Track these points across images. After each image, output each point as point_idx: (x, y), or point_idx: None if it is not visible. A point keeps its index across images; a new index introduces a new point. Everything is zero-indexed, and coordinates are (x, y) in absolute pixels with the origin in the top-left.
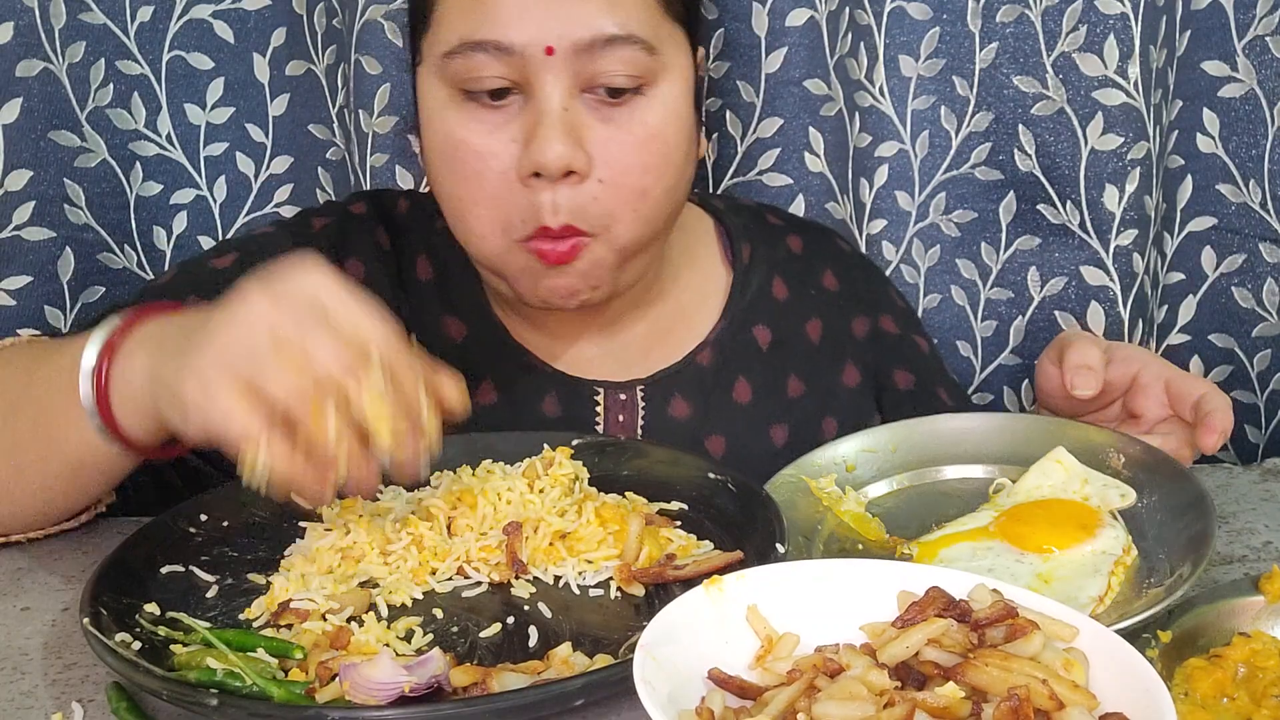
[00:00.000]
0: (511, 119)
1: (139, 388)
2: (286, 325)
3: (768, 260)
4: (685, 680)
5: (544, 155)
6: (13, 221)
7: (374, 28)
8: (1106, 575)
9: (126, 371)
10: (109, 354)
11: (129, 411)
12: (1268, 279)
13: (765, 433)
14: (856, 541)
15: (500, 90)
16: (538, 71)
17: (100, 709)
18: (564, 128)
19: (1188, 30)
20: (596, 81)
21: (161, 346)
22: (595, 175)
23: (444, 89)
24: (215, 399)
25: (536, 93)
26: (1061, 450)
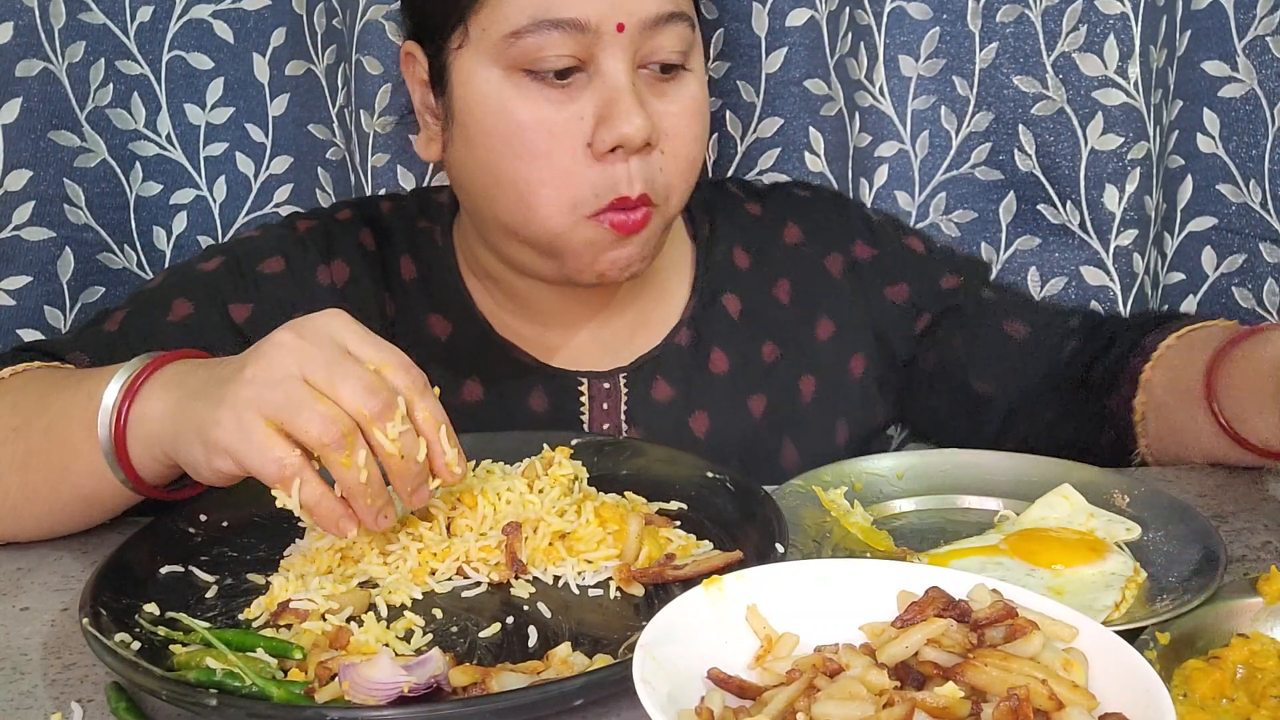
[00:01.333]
0: (576, 96)
1: (158, 428)
2: (316, 368)
3: (728, 230)
4: (685, 680)
5: (628, 127)
6: (12, 221)
7: (375, 28)
8: (1119, 589)
9: (147, 411)
10: (131, 394)
11: (143, 450)
12: (1268, 279)
13: (744, 404)
14: (864, 551)
15: (566, 70)
16: (606, 47)
17: (100, 709)
18: (638, 100)
19: (1188, 30)
20: (653, 58)
21: (184, 388)
22: (660, 147)
23: (498, 69)
24: (251, 437)
25: (603, 68)
26: (1067, 486)
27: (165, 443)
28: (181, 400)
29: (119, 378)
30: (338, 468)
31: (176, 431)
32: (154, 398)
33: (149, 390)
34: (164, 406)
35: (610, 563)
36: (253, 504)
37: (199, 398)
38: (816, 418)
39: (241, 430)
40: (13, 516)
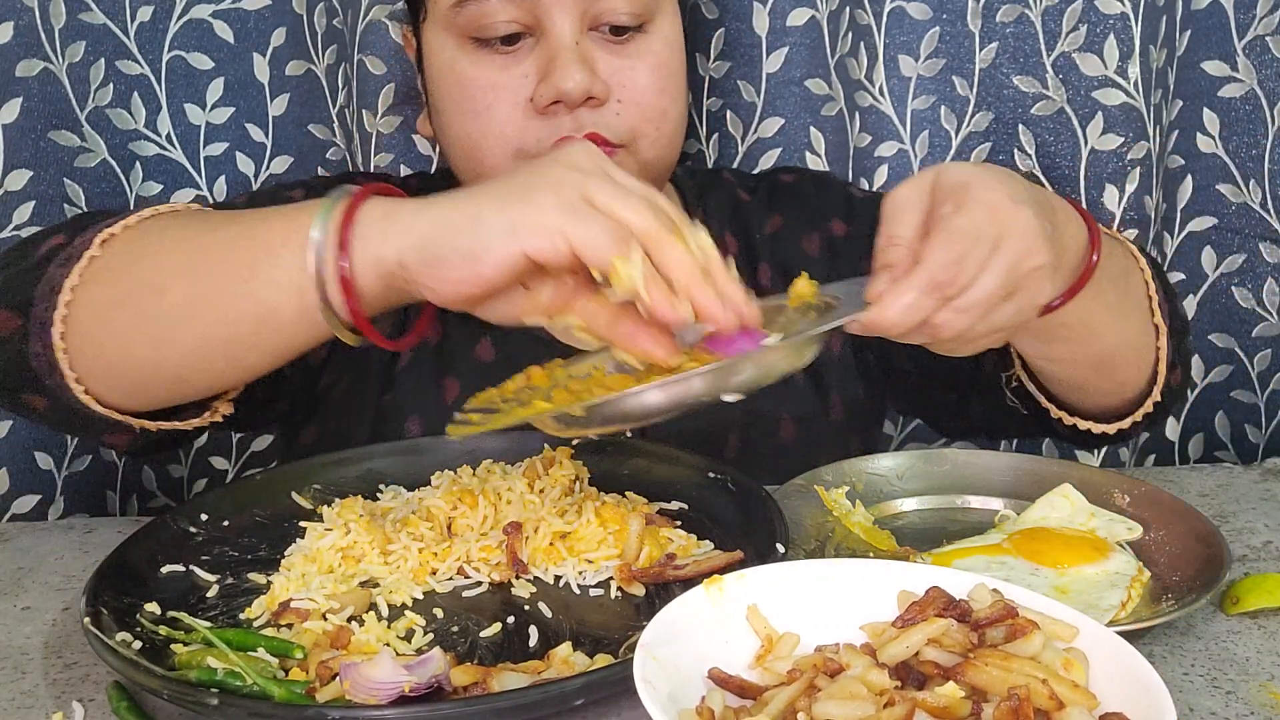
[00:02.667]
0: (523, 59)
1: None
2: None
3: (719, 214)
4: (685, 680)
5: (564, 82)
6: (13, 221)
7: (377, 27)
8: (1124, 589)
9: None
10: (355, 203)
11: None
12: (1268, 279)
13: None
14: (867, 550)
15: (511, 35)
16: (548, 10)
17: (101, 708)
18: (580, 57)
19: (1188, 30)
20: (602, 19)
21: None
22: (614, 98)
23: (452, 39)
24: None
25: (548, 30)
26: (1068, 486)
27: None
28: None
29: (333, 194)
30: (672, 249)
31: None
32: (382, 204)
33: (377, 203)
34: (412, 211)
35: (611, 563)
36: (254, 504)
37: (486, 197)
38: (810, 395)
39: (572, 210)
40: (166, 333)
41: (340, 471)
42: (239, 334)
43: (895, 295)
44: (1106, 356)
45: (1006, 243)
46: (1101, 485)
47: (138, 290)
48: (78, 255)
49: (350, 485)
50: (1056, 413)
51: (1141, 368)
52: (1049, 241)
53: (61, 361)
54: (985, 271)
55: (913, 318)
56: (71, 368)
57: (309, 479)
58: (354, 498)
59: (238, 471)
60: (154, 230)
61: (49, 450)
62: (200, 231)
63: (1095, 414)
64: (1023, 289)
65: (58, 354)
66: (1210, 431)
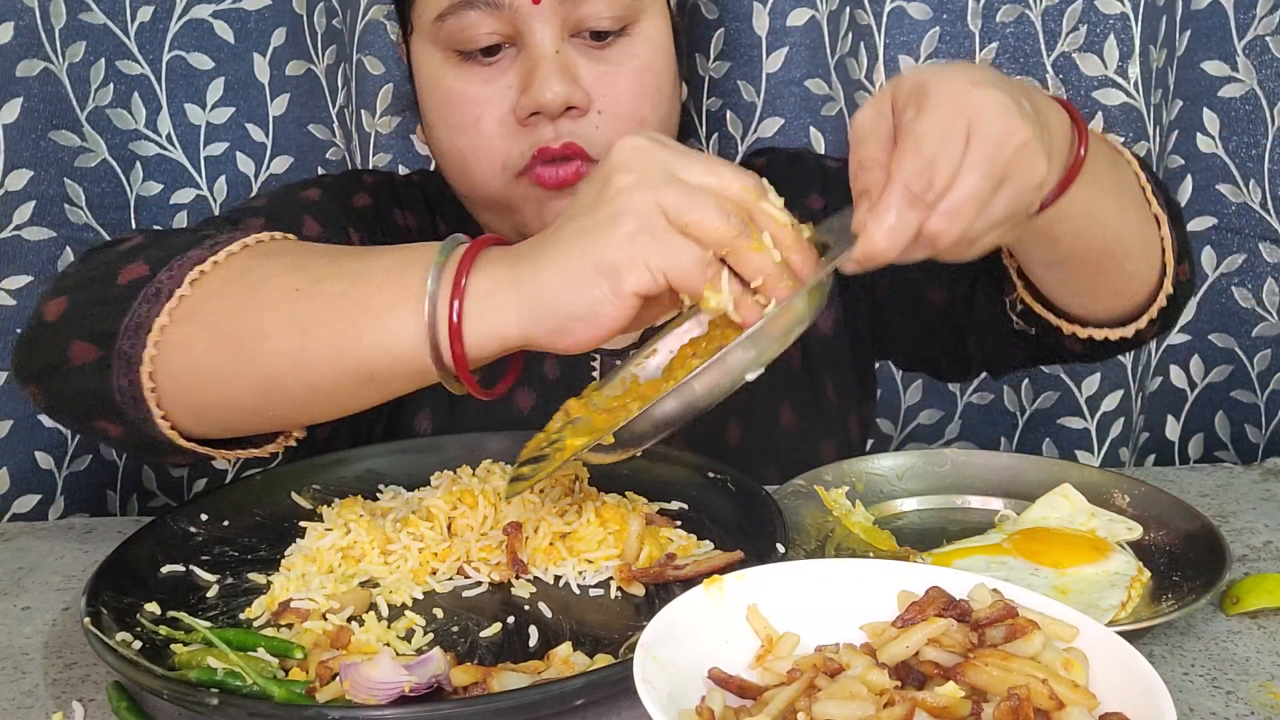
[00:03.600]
0: (505, 70)
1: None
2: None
3: None
4: (685, 680)
5: (543, 94)
6: (13, 221)
7: (376, 28)
8: (1124, 589)
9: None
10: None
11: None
12: (1268, 279)
13: None
14: (867, 550)
15: (493, 47)
16: (527, 21)
17: (101, 708)
18: (559, 68)
19: (1188, 30)
20: (583, 26)
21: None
22: (595, 108)
23: (438, 52)
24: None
25: (528, 41)
26: (1068, 486)
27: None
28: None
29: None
30: (750, 256)
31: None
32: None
33: (486, 264)
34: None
35: (611, 563)
36: (254, 504)
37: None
38: (804, 380)
39: (659, 238)
40: (273, 386)
41: (340, 471)
42: (346, 388)
43: (876, 221)
44: (1113, 248)
45: (979, 131)
46: (1101, 485)
47: (238, 340)
48: (167, 293)
49: (350, 485)
50: (1069, 328)
51: (1149, 258)
52: (1027, 118)
53: (150, 398)
54: (965, 167)
55: (901, 238)
56: (159, 405)
57: (309, 479)
58: (354, 498)
59: (238, 471)
60: (252, 275)
61: (49, 450)
62: (304, 284)
63: (1106, 321)
64: (1013, 172)
65: (145, 391)
66: (1210, 431)
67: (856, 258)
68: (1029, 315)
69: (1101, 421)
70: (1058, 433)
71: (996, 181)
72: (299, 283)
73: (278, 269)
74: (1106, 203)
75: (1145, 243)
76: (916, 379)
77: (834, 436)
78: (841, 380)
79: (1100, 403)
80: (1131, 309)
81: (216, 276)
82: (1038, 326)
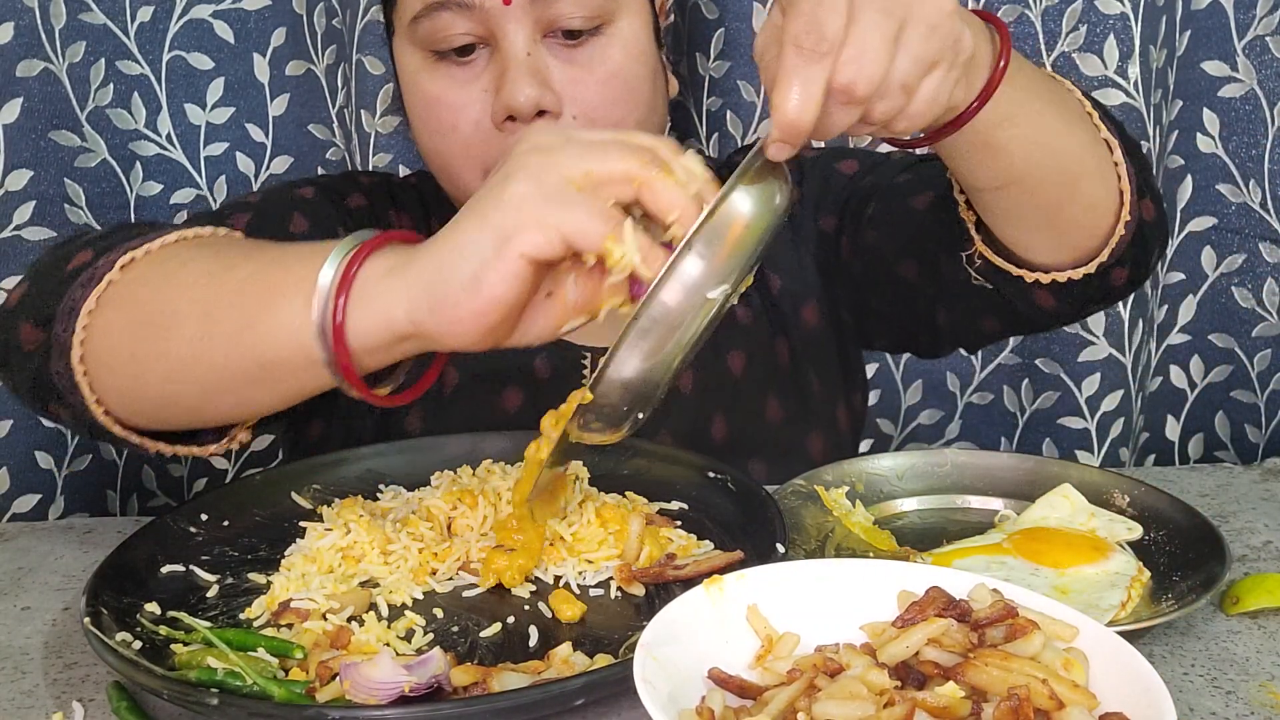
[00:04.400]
0: (480, 72)
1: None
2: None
3: None
4: (685, 680)
5: (514, 99)
6: (13, 221)
7: (376, 28)
8: (1125, 589)
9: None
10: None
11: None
12: (1268, 279)
13: (725, 362)
14: (867, 550)
15: (466, 47)
16: (499, 22)
17: (101, 708)
18: (530, 71)
19: (1188, 30)
20: (555, 25)
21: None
22: (568, 112)
23: (416, 54)
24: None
25: (500, 43)
26: (1068, 486)
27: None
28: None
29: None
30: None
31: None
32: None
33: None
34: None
35: (611, 563)
36: (254, 504)
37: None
38: (788, 373)
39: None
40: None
41: (340, 471)
42: (247, 378)
43: (780, 89)
44: (1063, 166)
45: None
46: (1101, 485)
47: (151, 324)
48: (98, 278)
49: (350, 485)
50: (1031, 275)
51: (1105, 184)
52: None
53: (81, 383)
54: (856, 6)
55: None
56: (91, 389)
57: (309, 479)
58: (354, 498)
59: (238, 471)
60: (174, 261)
61: (49, 449)
62: (217, 270)
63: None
64: (913, 4)
65: (78, 376)
66: (1210, 431)
67: (775, 136)
68: (989, 272)
69: (1101, 421)
70: (1058, 433)
71: (900, 16)
72: (213, 268)
73: (200, 256)
74: (1049, 112)
75: (1099, 165)
76: (916, 379)
77: (821, 429)
78: (827, 372)
79: (1100, 403)
80: (1094, 245)
81: (145, 262)
82: (999, 282)
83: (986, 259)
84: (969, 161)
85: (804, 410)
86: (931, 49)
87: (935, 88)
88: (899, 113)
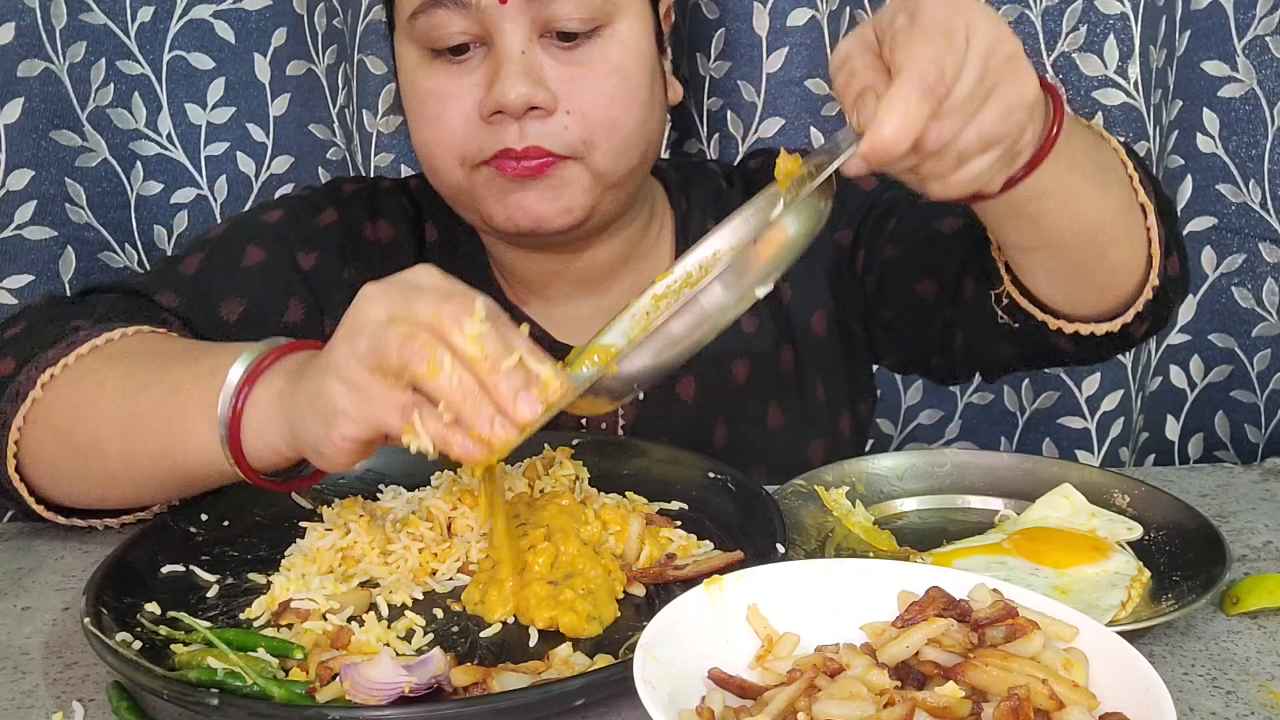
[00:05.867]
0: (474, 69)
1: (273, 416)
2: (395, 304)
3: (701, 204)
4: (685, 680)
5: (505, 95)
6: (14, 221)
7: (377, 28)
8: (1125, 589)
9: (261, 397)
10: (251, 379)
11: (256, 437)
12: (1268, 279)
13: (729, 370)
14: (867, 550)
15: (462, 45)
16: (495, 21)
17: (101, 708)
18: (524, 69)
19: (1188, 30)
20: (551, 26)
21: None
22: (562, 109)
23: (414, 50)
24: (366, 392)
25: (495, 41)
26: (1068, 486)
27: (283, 431)
28: (292, 385)
29: (242, 361)
30: (429, 382)
31: (292, 416)
32: (269, 385)
33: (267, 378)
34: (276, 393)
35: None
36: (254, 504)
37: (305, 376)
38: (792, 379)
39: (353, 389)
40: (110, 482)
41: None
42: (173, 485)
43: (888, 109)
44: (1094, 233)
45: (976, 34)
46: (1101, 485)
47: (77, 446)
48: (23, 395)
49: (350, 485)
50: (1055, 323)
51: (1134, 248)
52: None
53: (19, 488)
54: (964, 66)
55: (911, 127)
56: (30, 491)
57: None
58: (354, 498)
59: None
60: (89, 380)
61: None
62: (131, 390)
63: (1093, 316)
64: (1004, 82)
65: (15, 483)
66: (1210, 431)
67: (865, 152)
68: (1015, 311)
69: (1101, 421)
70: (1058, 433)
71: (989, 87)
72: (127, 388)
73: (113, 374)
74: (1087, 184)
75: (1130, 231)
76: (917, 379)
77: (824, 437)
78: (833, 380)
79: (1100, 403)
80: (1118, 303)
81: (63, 380)
82: (1023, 322)
83: (1013, 299)
84: (1000, 223)
85: (807, 418)
86: (998, 131)
87: (983, 167)
88: (941, 177)
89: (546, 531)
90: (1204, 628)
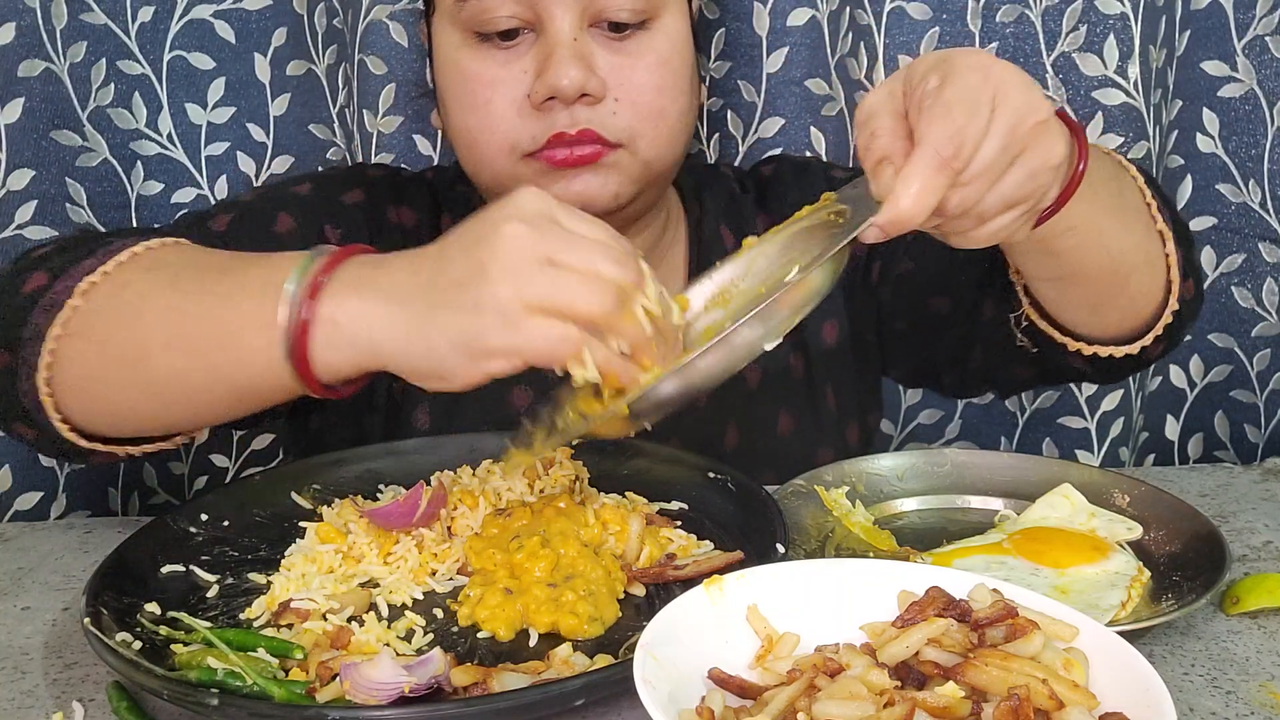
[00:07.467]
0: (523, 54)
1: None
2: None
3: (714, 208)
4: (685, 680)
5: (558, 80)
6: (15, 221)
7: (378, 27)
8: (1125, 589)
9: (341, 315)
10: (314, 290)
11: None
12: (1268, 279)
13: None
14: (867, 550)
15: (511, 30)
16: (547, 7)
17: (101, 708)
18: (576, 54)
19: (1187, 30)
20: (603, 16)
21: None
22: (611, 96)
23: (457, 33)
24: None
25: (547, 27)
26: (1068, 486)
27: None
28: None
29: (296, 273)
30: (624, 329)
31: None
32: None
33: (338, 291)
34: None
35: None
36: (254, 504)
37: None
38: (803, 387)
39: (515, 327)
40: (155, 396)
41: (340, 471)
42: (226, 402)
43: (905, 184)
44: (1116, 265)
45: (1003, 103)
46: (1101, 485)
47: (124, 355)
48: (59, 304)
49: (350, 485)
50: (1074, 345)
51: (1154, 275)
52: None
53: (46, 404)
54: (987, 136)
55: (928, 202)
56: (57, 409)
57: (309, 479)
58: (354, 498)
59: (238, 469)
60: (131, 291)
61: None
62: (177, 302)
63: (1111, 339)
64: (1031, 148)
65: (43, 397)
66: (1210, 431)
67: (882, 224)
68: (1033, 332)
69: (1101, 421)
70: (1058, 433)
71: (1014, 154)
72: (173, 300)
73: (156, 284)
74: (1109, 218)
75: (1149, 260)
76: None
77: (832, 445)
78: (844, 390)
79: (1100, 402)
80: (1136, 327)
81: (106, 288)
82: (1041, 344)
83: (1031, 320)
84: (1023, 257)
85: (816, 425)
86: (1021, 193)
87: (1003, 225)
88: (962, 233)
89: (543, 538)
90: (1204, 628)
